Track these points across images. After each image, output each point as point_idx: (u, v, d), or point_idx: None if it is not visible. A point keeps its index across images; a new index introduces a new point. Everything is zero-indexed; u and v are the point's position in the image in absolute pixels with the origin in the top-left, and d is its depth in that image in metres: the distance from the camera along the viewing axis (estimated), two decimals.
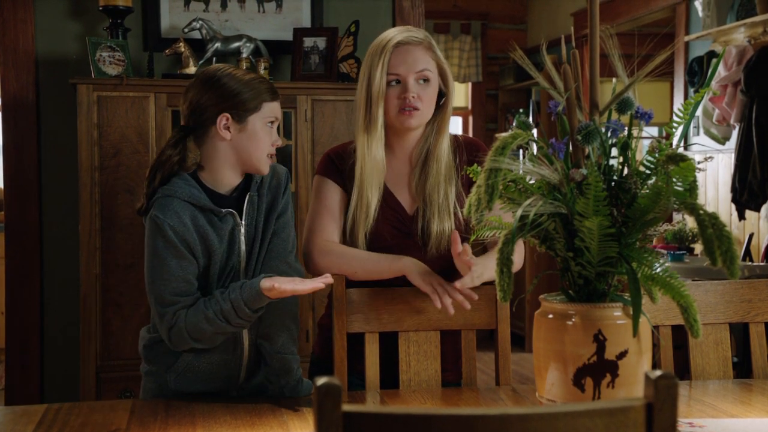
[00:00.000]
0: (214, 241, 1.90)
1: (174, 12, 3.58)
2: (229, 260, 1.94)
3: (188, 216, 1.88)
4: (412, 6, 3.76)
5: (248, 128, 1.91)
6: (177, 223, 1.86)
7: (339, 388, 0.96)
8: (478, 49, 7.15)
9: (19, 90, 3.48)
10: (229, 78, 1.92)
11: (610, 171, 1.45)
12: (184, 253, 1.87)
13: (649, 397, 1.00)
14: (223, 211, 1.91)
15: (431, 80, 2.04)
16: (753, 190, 4.35)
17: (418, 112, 2.02)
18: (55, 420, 1.72)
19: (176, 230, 1.86)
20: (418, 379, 2.04)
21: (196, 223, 1.89)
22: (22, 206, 3.51)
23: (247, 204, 1.96)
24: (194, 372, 1.95)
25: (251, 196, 1.97)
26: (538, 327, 1.51)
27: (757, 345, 2.10)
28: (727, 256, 1.26)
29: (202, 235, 1.89)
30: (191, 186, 1.92)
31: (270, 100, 1.94)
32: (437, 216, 2.04)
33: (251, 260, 1.97)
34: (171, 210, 1.87)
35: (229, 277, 1.94)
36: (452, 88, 2.11)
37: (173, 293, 1.86)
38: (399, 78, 2.02)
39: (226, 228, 1.93)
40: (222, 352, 1.94)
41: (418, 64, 2.03)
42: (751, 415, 1.74)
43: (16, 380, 3.51)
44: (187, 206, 1.89)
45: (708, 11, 4.74)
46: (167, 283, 1.86)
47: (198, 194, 1.91)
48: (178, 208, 1.88)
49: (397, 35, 2.04)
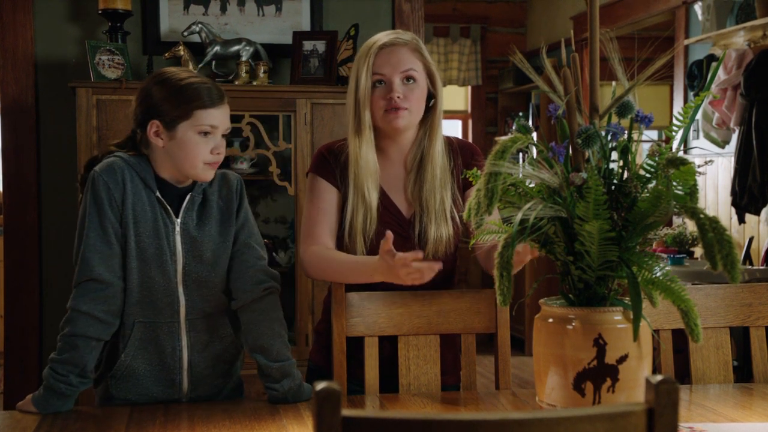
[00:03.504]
0: (146, 214, 1.85)
1: (173, 15, 3.58)
2: (161, 253, 1.87)
3: (129, 180, 1.84)
4: (412, 9, 3.76)
5: (178, 136, 1.85)
6: (112, 180, 1.83)
7: (338, 393, 0.96)
8: (478, 53, 7.15)
9: (19, 93, 3.48)
10: (161, 84, 1.87)
11: (610, 175, 1.45)
12: (108, 227, 1.83)
13: (650, 402, 1.00)
14: (156, 193, 1.87)
15: (418, 80, 2.03)
16: (753, 193, 4.35)
17: (404, 111, 2.01)
18: (54, 424, 1.71)
19: (110, 188, 1.82)
20: (417, 383, 2.03)
21: (135, 190, 1.85)
22: (21, 209, 3.51)
23: (187, 202, 1.90)
24: (133, 376, 1.90)
25: (192, 196, 1.91)
26: (538, 331, 1.50)
27: (758, 349, 2.10)
28: (727, 260, 1.25)
29: (135, 204, 1.85)
30: (141, 161, 1.89)
31: (206, 108, 1.84)
32: (434, 221, 2.03)
33: (190, 265, 1.90)
34: (111, 168, 1.84)
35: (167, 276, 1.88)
36: (441, 89, 2.09)
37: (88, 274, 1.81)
38: (384, 78, 2.02)
39: (160, 216, 1.88)
40: (160, 353, 1.90)
41: (403, 63, 2.02)
42: (751, 420, 1.74)
43: (15, 384, 3.50)
44: (131, 171, 1.86)
45: (708, 15, 4.74)
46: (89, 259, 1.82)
47: (145, 167, 1.88)
48: (120, 169, 1.85)
49: (382, 38, 2.05)
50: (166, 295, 1.88)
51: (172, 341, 1.90)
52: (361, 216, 2.02)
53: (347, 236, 2.03)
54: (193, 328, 1.91)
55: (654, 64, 1.44)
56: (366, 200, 2.02)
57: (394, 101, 2.00)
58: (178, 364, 1.91)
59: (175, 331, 1.90)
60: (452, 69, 7.08)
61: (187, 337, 1.91)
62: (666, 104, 5.90)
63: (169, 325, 1.89)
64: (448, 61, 7.09)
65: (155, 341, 1.89)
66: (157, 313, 1.89)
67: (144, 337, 1.89)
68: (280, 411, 1.81)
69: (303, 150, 3.38)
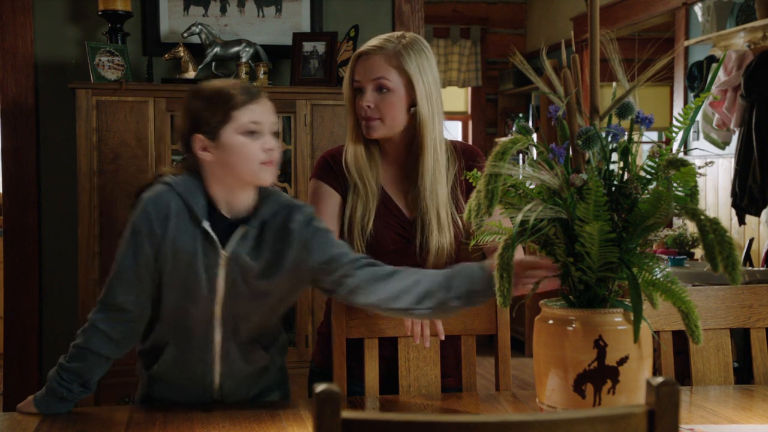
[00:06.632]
0: (188, 247, 1.77)
1: (173, 16, 3.58)
2: (199, 287, 1.79)
3: (173, 212, 1.77)
4: (412, 11, 3.76)
5: (223, 143, 1.77)
6: (156, 212, 1.76)
7: (338, 395, 0.95)
8: (478, 54, 7.15)
9: (19, 94, 3.48)
10: (194, 96, 1.81)
11: (611, 176, 1.45)
12: (141, 259, 1.77)
13: (650, 404, 1.00)
14: (203, 223, 1.77)
15: (392, 89, 1.99)
16: (753, 194, 4.35)
17: (375, 122, 2.00)
18: (53, 426, 1.71)
19: (151, 221, 1.76)
20: (417, 385, 2.03)
21: (180, 222, 1.77)
22: (21, 211, 3.51)
23: (239, 235, 1.80)
24: (166, 386, 1.88)
25: (246, 230, 1.80)
26: (538, 332, 1.50)
27: (758, 350, 2.09)
28: (728, 262, 1.25)
29: (177, 237, 1.77)
30: (193, 185, 1.80)
31: (243, 106, 1.77)
32: (436, 230, 2.02)
33: (231, 300, 1.81)
34: (157, 199, 1.77)
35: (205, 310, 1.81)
36: (424, 97, 2.00)
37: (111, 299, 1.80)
38: (360, 86, 2.02)
39: (204, 249, 1.79)
40: (191, 372, 1.87)
41: (374, 72, 1.99)
42: (752, 421, 1.73)
43: (15, 386, 3.50)
44: (178, 202, 1.78)
45: (708, 16, 4.74)
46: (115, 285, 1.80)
47: (195, 193, 1.79)
48: (166, 200, 1.77)
49: (368, 43, 2.04)
50: (202, 325, 1.83)
51: (204, 366, 1.86)
52: (360, 210, 2.02)
53: (346, 230, 2.03)
54: (227, 356, 1.86)
55: (654, 66, 1.44)
56: (361, 193, 2.02)
57: (365, 111, 2.00)
58: (209, 386, 1.88)
59: (208, 359, 1.85)
60: (452, 70, 7.08)
61: (220, 364, 1.86)
62: (666, 105, 5.89)
63: (202, 352, 1.85)
64: (448, 62, 7.09)
65: (186, 364, 1.86)
66: (190, 339, 1.84)
67: (175, 358, 1.86)
68: (280, 413, 1.81)
69: (303, 151, 3.38)
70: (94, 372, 1.81)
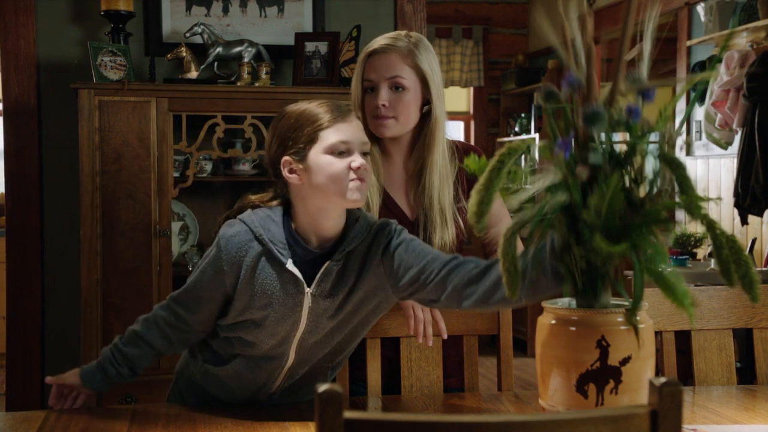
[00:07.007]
0: (266, 288, 1.73)
1: (175, 17, 3.58)
2: (279, 323, 1.75)
3: (249, 254, 1.72)
4: (414, 11, 3.76)
5: (311, 163, 1.71)
6: (234, 249, 1.72)
7: (341, 395, 0.95)
8: (480, 54, 7.15)
9: (21, 95, 3.49)
10: (281, 119, 1.77)
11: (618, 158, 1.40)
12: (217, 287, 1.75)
13: (653, 404, 0.99)
14: (287, 264, 1.72)
15: (407, 87, 2.00)
16: (755, 195, 4.34)
17: (390, 120, 2.00)
18: (56, 426, 1.71)
19: (231, 259, 1.72)
20: (419, 385, 2.03)
21: (257, 264, 1.72)
22: (23, 211, 3.51)
23: (323, 272, 1.74)
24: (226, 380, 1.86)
25: (329, 266, 1.74)
26: (540, 332, 1.50)
27: (761, 350, 2.09)
28: (746, 281, 1.24)
29: (255, 277, 1.73)
30: (274, 222, 1.75)
31: (330, 126, 1.71)
32: (438, 228, 2.03)
33: (310, 333, 1.77)
34: (234, 240, 1.73)
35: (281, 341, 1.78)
36: (438, 95, 2.02)
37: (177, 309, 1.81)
38: (372, 85, 2.02)
39: (285, 288, 1.74)
40: (251, 382, 1.85)
41: (390, 70, 1.99)
42: (755, 422, 1.73)
43: (17, 386, 3.50)
44: (256, 245, 1.73)
45: (710, 16, 4.74)
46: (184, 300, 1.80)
47: (276, 231, 1.74)
48: (244, 240, 1.73)
49: (377, 41, 2.04)
50: (277, 350, 1.81)
51: (266, 380, 1.85)
52: None
53: None
54: (293, 376, 1.86)
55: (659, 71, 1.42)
56: (369, 201, 2.02)
57: (379, 109, 2.00)
58: (264, 393, 1.88)
59: (273, 376, 1.85)
60: (454, 70, 7.08)
61: (283, 380, 1.86)
62: None
63: (270, 373, 1.84)
64: (450, 62, 7.09)
65: (250, 376, 1.84)
66: (261, 361, 1.82)
67: (240, 369, 1.83)
68: (283, 413, 1.81)
69: None
70: (144, 360, 1.84)
